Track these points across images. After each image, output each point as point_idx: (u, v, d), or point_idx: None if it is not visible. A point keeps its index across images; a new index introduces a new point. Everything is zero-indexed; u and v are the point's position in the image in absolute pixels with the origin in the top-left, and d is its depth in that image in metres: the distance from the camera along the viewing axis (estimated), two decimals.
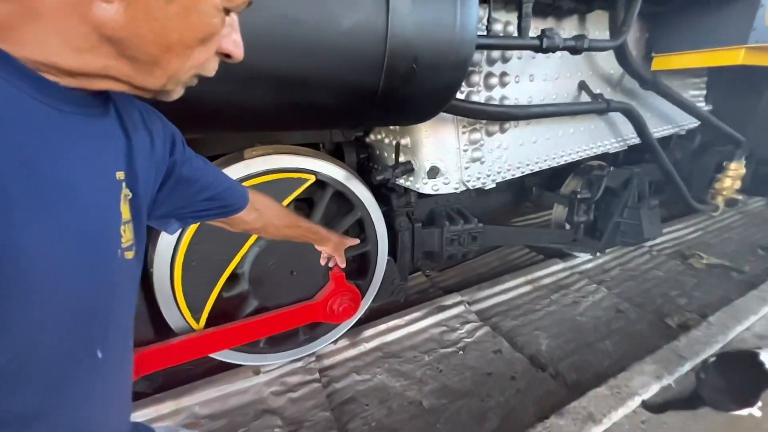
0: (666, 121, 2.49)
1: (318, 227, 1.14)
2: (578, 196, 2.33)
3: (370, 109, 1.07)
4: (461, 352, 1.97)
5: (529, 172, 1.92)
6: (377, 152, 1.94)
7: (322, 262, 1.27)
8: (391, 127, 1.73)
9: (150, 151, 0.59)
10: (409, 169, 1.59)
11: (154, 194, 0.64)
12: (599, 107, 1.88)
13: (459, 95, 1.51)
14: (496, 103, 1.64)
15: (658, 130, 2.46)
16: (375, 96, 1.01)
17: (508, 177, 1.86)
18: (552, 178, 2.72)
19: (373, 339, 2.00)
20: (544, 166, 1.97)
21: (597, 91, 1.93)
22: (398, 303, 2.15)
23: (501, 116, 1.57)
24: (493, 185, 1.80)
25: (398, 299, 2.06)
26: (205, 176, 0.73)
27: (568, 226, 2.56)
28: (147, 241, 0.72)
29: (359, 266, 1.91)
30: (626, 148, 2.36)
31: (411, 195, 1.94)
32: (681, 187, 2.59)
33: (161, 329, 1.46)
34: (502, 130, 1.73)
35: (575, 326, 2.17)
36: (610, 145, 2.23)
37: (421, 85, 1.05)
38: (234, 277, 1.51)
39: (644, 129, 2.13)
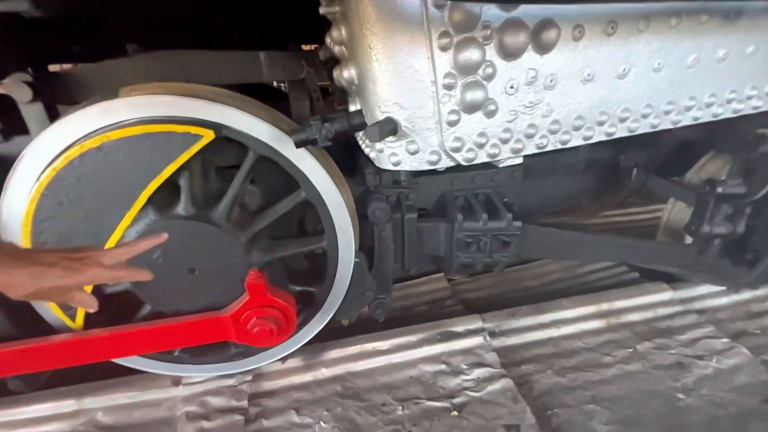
0: None
1: None
2: (720, 190, 1.31)
3: None
4: (455, 412, 1.30)
5: (607, 137, 1.03)
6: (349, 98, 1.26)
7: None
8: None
9: None
10: (356, 125, 0.91)
11: None
12: None
13: None
14: None
15: None
16: None
17: (554, 145, 1.01)
18: (675, 153, 1.66)
19: (337, 364, 1.47)
20: (644, 127, 1.03)
21: None
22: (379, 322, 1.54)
23: None
24: (517, 159, 0.99)
25: (376, 318, 1.46)
26: None
27: (689, 238, 1.54)
28: None
29: (316, 268, 1.36)
30: None
31: (402, 170, 1.26)
32: None
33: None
34: (541, 47, 0.88)
35: (672, 413, 1.27)
36: None
37: None
38: None
39: None
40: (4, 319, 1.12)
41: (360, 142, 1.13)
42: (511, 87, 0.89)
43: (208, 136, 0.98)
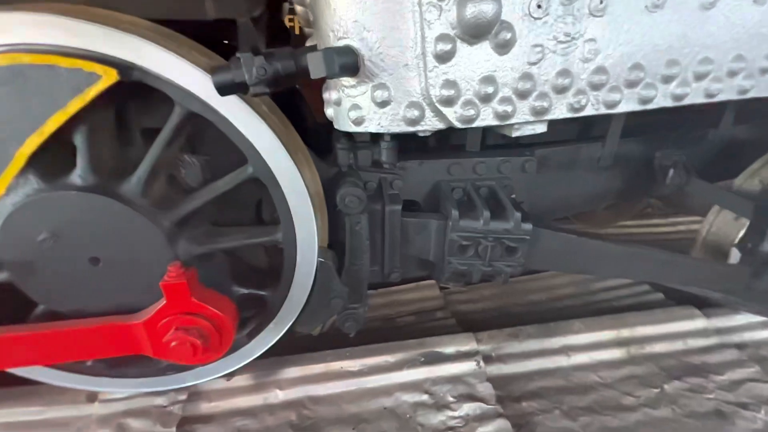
0: None
1: None
2: None
3: None
4: None
5: (674, 102, 0.73)
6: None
7: None
8: None
9: None
10: (306, 65, 0.62)
11: None
12: None
13: None
14: None
15: None
16: None
17: (596, 107, 0.71)
18: (727, 151, 1.37)
19: (295, 386, 1.20)
20: (729, 91, 0.74)
21: None
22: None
23: None
24: (539, 126, 0.70)
25: (347, 332, 1.18)
26: None
27: (736, 256, 1.25)
28: None
29: (270, 266, 1.09)
30: None
31: (383, 145, 0.98)
32: None
33: None
34: None
35: None
36: None
37: None
38: None
39: None
40: None
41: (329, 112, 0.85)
42: (538, 6, 0.59)
43: (110, 76, 0.71)
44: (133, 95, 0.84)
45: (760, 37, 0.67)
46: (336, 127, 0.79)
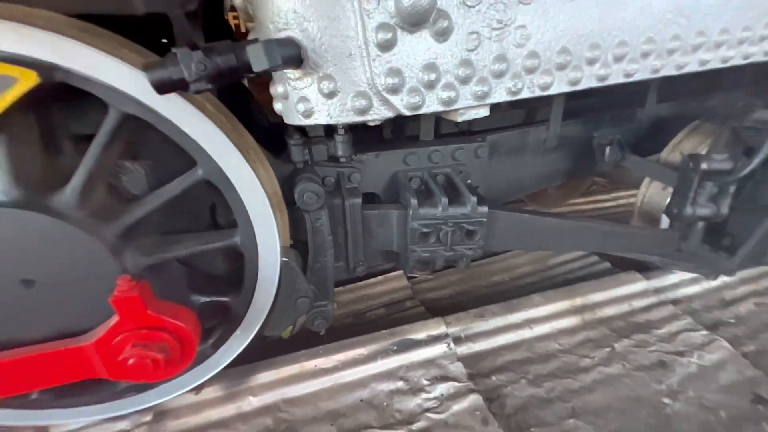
0: None
1: None
2: (705, 166, 1.15)
3: None
4: None
5: (599, 83, 0.80)
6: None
7: None
8: None
9: None
10: (247, 59, 0.60)
11: None
12: None
13: None
14: None
15: None
16: None
17: (531, 90, 0.77)
18: (650, 130, 1.52)
19: (269, 390, 1.17)
20: (644, 71, 0.82)
21: None
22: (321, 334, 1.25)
23: None
24: (482, 110, 0.74)
25: (316, 330, 1.17)
26: None
27: (666, 222, 1.40)
28: None
29: (230, 271, 1.05)
30: None
31: (337, 139, 0.98)
32: None
33: None
34: None
35: (662, 424, 1.10)
36: None
37: None
38: None
39: None
40: None
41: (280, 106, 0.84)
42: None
43: (28, 79, 0.65)
44: (59, 99, 0.77)
45: (666, 21, 0.76)
46: (286, 121, 0.78)
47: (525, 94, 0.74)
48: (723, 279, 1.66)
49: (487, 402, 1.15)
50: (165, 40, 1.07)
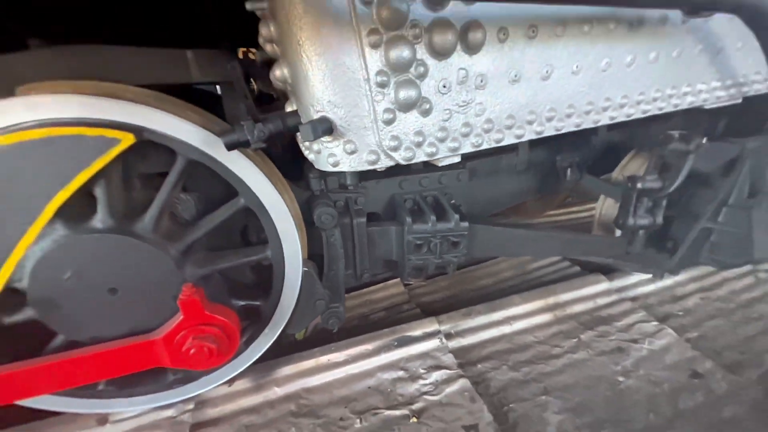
0: None
1: None
2: (640, 185, 1.43)
3: None
4: (414, 418, 1.27)
5: (536, 136, 1.08)
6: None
7: None
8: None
9: None
10: (291, 126, 0.87)
11: None
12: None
13: None
14: None
15: None
16: None
17: (489, 144, 1.05)
18: (603, 154, 1.81)
19: (290, 382, 1.38)
20: (569, 126, 1.12)
21: None
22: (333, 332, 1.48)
23: None
24: (455, 158, 1.01)
25: (330, 329, 1.40)
26: None
27: (618, 231, 1.67)
28: None
29: (260, 280, 1.28)
30: (740, 101, 1.38)
31: (347, 174, 1.24)
32: None
33: None
34: (469, 48, 0.92)
35: (617, 396, 1.34)
36: (708, 93, 1.28)
37: None
38: (15, 294, 0.95)
39: None
40: None
41: (301, 145, 1.09)
42: (444, 86, 0.91)
43: (127, 139, 0.89)
44: (132, 148, 1.01)
45: (581, 92, 1.05)
46: (317, 167, 1.03)
47: (484, 146, 1.03)
48: (675, 278, 1.94)
49: (474, 385, 1.37)
50: None
